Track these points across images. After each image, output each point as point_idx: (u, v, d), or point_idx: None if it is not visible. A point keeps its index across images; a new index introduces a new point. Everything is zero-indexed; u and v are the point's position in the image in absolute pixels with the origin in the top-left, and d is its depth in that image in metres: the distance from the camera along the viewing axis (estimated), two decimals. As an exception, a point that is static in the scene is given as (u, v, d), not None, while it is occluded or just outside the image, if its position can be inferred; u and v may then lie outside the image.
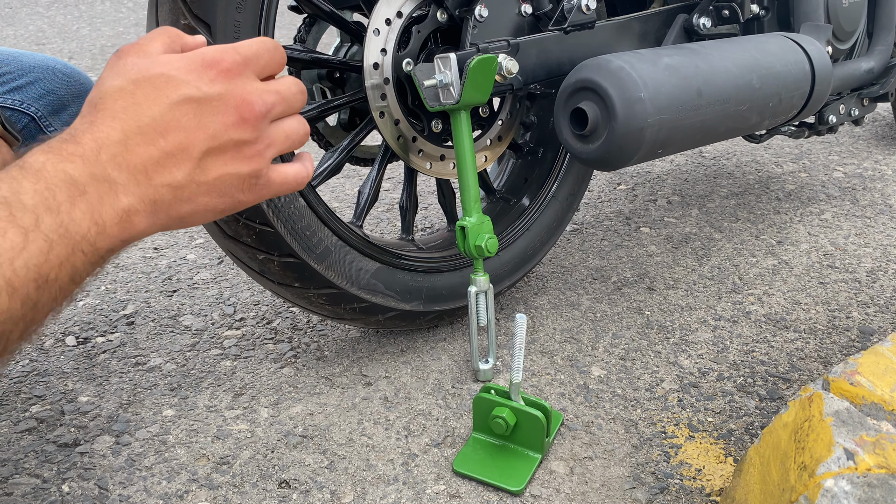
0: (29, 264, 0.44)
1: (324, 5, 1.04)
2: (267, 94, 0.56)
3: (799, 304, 1.32)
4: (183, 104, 0.53)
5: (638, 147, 1.00)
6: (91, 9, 4.77)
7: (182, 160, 0.53)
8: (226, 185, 0.55)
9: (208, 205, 0.55)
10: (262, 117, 0.56)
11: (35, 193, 0.46)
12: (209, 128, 0.54)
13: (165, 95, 0.53)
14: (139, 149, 0.51)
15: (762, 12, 1.38)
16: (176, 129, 0.53)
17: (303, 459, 0.95)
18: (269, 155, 0.57)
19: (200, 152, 0.54)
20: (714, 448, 0.97)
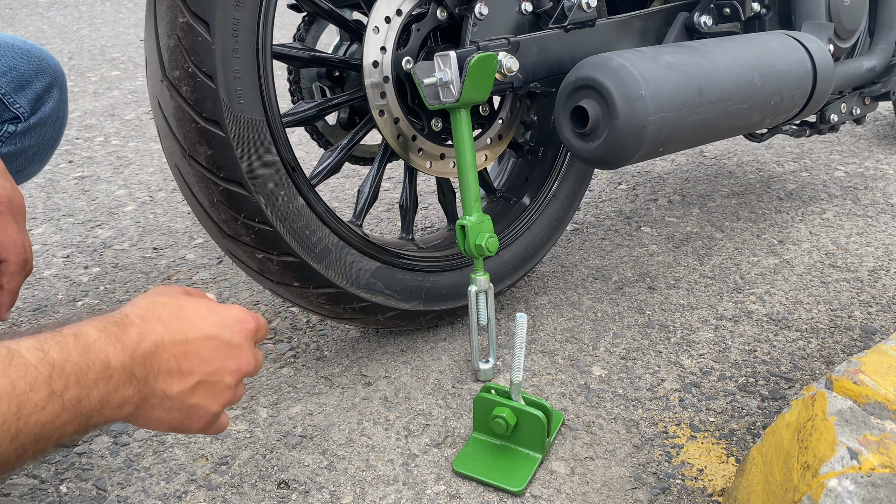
0: (39, 422, 0.51)
1: (323, 3, 1.04)
2: (255, 362, 0.70)
3: (801, 304, 1.31)
4: (211, 339, 0.66)
5: (639, 145, 1.00)
6: (91, 10, 4.77)
7: (185, 379, 0.64)
8: (195, 411, 0.66)
9: (171, 420, 0.65)
10: (245, 376, 0.69)
11: (76, 365, 0.54)
12: (215, 365, 0.66)
13: (203, 327, 0.66)
14: (165, 356, 0.62)
15: (763, 10, 1.38)
16: (195, 354, 0.64)
17: (302, 460, 0.95)
18: (229, 403, 0.69)
19: (198, 380, 0.65)
20: (716, 448, 0.96)
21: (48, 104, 1.08)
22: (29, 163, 1.09)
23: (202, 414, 0.67)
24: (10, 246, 0.84)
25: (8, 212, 0.85)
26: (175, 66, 0.87)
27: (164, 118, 0.91)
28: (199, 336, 0.65)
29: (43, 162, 1.14)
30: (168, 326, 0.63)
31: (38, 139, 1.08)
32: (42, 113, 1.07)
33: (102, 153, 2.19)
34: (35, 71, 1.05)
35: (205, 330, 0.66)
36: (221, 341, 0.67)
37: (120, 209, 1.78)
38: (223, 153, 0.90)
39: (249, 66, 0.90)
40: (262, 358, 0.73)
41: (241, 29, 0.89)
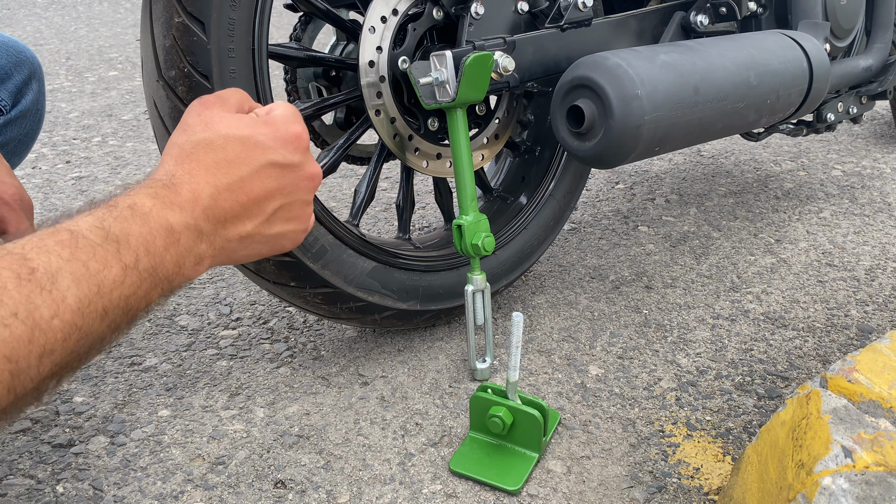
0: (123, 295, 0.51)
1: (319, 3, 1.04)
2: (319, 169, 0.68)
3: (797, 303, 1.32)
4: (268, 167, 0.62)
5: (635, 144, 1.00)
6: (89, 10, 4.77)
7: (256, 215, 0.62)
8: (282, 238, 0.65)
9: (261, 251, 0.64)
10: (318, 186, 0.67)
11: (139, 236, 0.53)
12: (285, 189, 0.63)
13: (254, 158, 0.61)
14: (225, 204, 0.60)
15: (760, 10, 1.38)
16: (259, 189, 0.61)
17: (299, 459, 0.95)
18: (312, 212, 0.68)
19: (273, 209, 0.63)
20: (712, 447, 0.96)
21: (28, 96, 1.08)
22: (10, 155, 1.10)
23: (291, 236, 0.66)
24: None
25: (21, 209, 0.86)
26: (171, 67, 0.87)
27: (160, 118, 0.91)
28: (255, 169, 0.62)
29: (23, 154, 1.14)
30: (218, 172, 0.60)
31: (19, 131, 1.08)
32: (22, 105, 1.07)
33: (100, 153, 2.19)
34: (14, 64, 1.05)
35: (258, 160, 0.62)
36: (281, 166, 0.63)
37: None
38: (219, 153, 0.90)
39: (245, 66, 0.90)
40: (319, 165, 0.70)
41: (237, 29, 0.89)
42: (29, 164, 2.08)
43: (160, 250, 0.54)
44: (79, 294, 0.48)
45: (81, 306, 0.48)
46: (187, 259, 0.57)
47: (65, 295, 0.47)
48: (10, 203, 0.85)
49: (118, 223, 0.53)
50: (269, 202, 0.63)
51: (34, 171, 2.03)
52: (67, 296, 0.47)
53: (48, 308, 0.46)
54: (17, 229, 0.84)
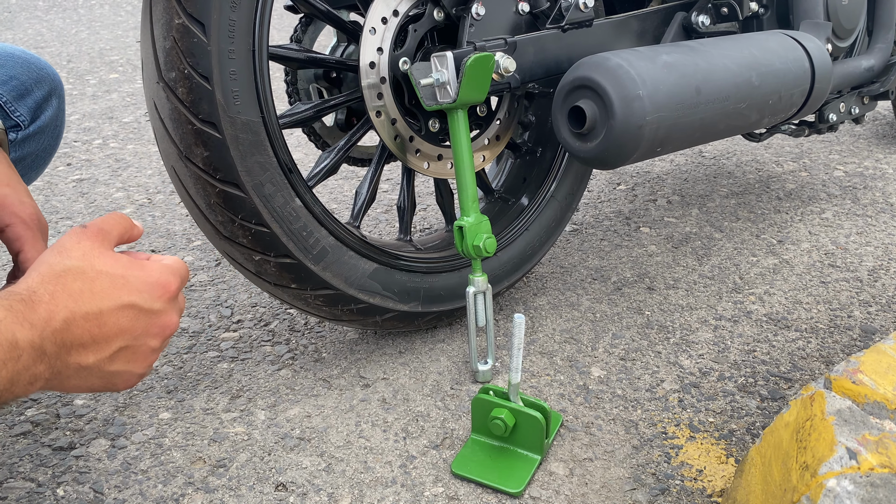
0: None
1: (320, 4, 1.04)
2: (178, 317, 0.69)
3: (800, 304, 1.31)
4: (128, 308, 0.63)
5: (637, 145, 0.99)
6: (90, 13, 4.77)
7: (101, 349, 0.62)
8: (116, 377, 0.64)
9: (93, 385, 0.63)
10: (169, 337, 0.67)
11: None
12: (137, 332, 0.64)
13: (118, 295, 0.62)
14: (77, 331, 0.60)
15: (761, 10, 1.38)
16: (113, 325, 0.62)
17: (300, 462, 0.94)
18: (155, 360, 0.68)
19: (118, 347, 0.63)
20: (715, 448, 0.96)
21: (47, 112, 1.08)
22: (27, 170, 1.10)
23: (126, 377, 0.66)
24: None
25: (37, 229, 0.84)
26: (171, 68, 0.87)
27: (160, 120, 0.91)
28: (116, 306, 0.63)
29: (40, 170, 1.14)
30: (80, 300, 0.61)
31: (36, 147, 1.08)
32: (41, 121, 1.07)
33: (101, 156, 2.19)
34: (35, 80, 1.05)
35: (121, 299, 0.63)
36: (141, 309, 0.64)
37: (118, 212, 1.78)
38: (219, 155, 0.89)
39: (246, 67, 0.90)
40: (184, 305, 0.71)
41: (238, 30, 0.89)
42: (30, 167, 2.08)
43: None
44: None
45: None
46: (22, 377, 0.56)
47: None
48: (27, 222, 0.83)
49: None
50: (117, 340, 0.63)
51: (35, 174, 2.03)
52: None
53: None
54: (34, 249, 0.83)
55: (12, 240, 0.83)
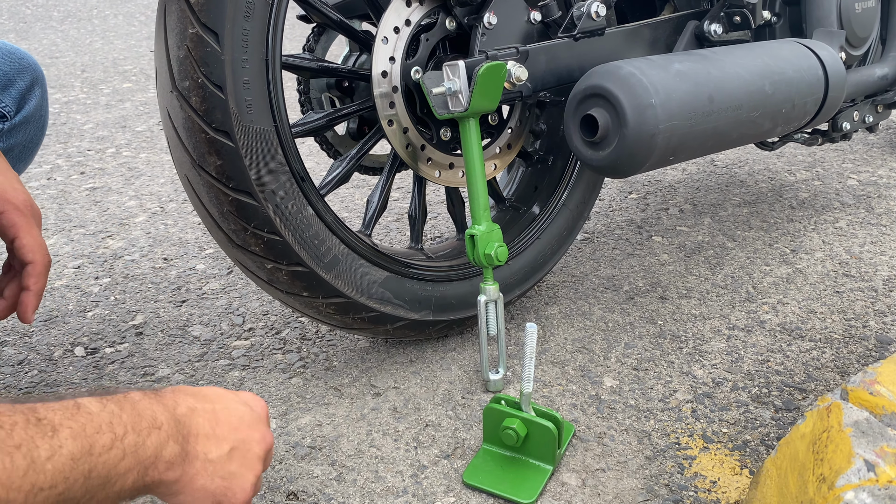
0: (107, 463, 0.57)
1: (332, 14, 1.04)
2: (272, 438, 0.75)
3: (814, 314, 1.30)
4: (235, 409, 0.72)
5: (649, 154, 0.99)
6: (104, 23, 4.82)
7: (219, 444, 0.68)
8: (235, 479, 0.69)
9: (217, 488, 0.68)
10: (268, 449, 0.74)
11: (129, 415, 0.60)
12: (242, 434, 0.71)
13: (225, 400, 0.72)
14: (198, 419, 0.67)
15: (774, 18, 1.37)
16: (224, 422, 0.70)
17: (311, 471, 0.94)
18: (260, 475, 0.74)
19: (231, 447, 0.69)
20: (729, 459, 0.95)
21: (31, 102, 1.09)
22: (15, 161, 1.11)
23: (242, 483, 0.70)
24: (37, 247, 0.86)
25: (31, 216, 0.87)
26: (185, 77, 0.88)
27: (173, 129, 0.91)
28: (224, 406, 0.71)
29: (28, 160, 1.15)
30: (196, 397, 0.70)
31: (23, 137, 1.09)
32: (26, 111, 1.08)
33: (114, 164, 2.21)
34: (16, 70, 1.06)
35: (229, 403, 0.72)
36: (244, 412, 0.73)
37: (131, 220, 1.79)
38: (233, 163, 0.90)
39: (259, 76, 0.91)
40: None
41: (251, 39, 0.89)
42: (44, 176, 2.10)
43: (144, 431, 0.61)
44: (73, 448, 0.54)
45: (73, 458, 0.54)
46: (164, 452, 0.62)
47: (62, 444, 0.53)
48: (21, 209, 0.86)
49: (113, 403, 0.60)
50: (230, 438, 0.69)
51: (49, 182, 2.05)
52: (64, 445, 0.54)
53: (46, 451, 0.52)
54: (28, 235, 0.86)
55: (7, 227, 0.85)
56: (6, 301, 0.89)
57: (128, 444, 0.59)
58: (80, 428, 0.55)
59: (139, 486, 0.61)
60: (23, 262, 0.87)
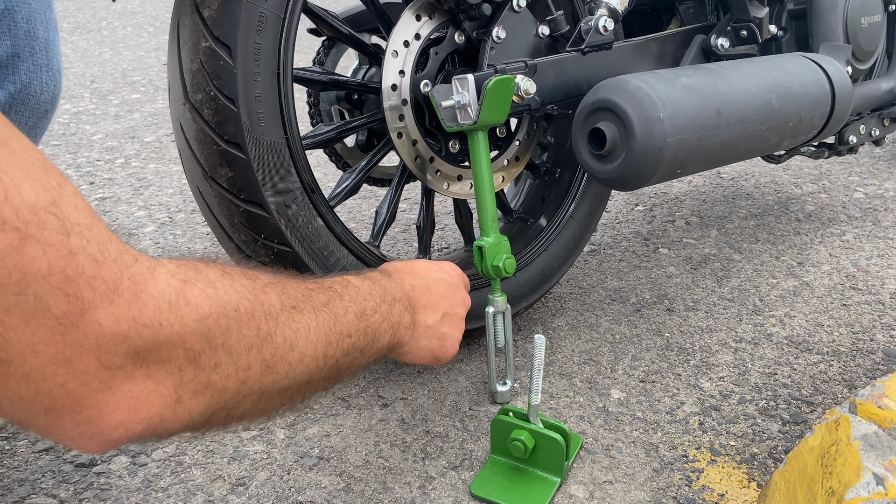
0: (373, 324, 0.72)
1: (343, 28, 1.05)
2: (469, 299, 0.95)
3: (821, 327, 1.30)
4: (440, 281, 0.88)
5: (657, 167, 1.00)
6: (113, 34, 4.86)
7: (434, 311, 0.86)
8: (447, 339, 0.88)
9: (433, 347, 0.86)
10: (468, 309, 0.93)
11: (381, 289, 0.77)
12: (450, 300, 0.88)
13: (433, 273, 0.89)
14: (417, 295, 0.84)
15: (780, 33, 1.38)
16: (435, 293, 0.87)
17: (319, 481, 0.94)
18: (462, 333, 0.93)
19: (442, 313, 0.87)
20: (737, 472, 0.95)
21: None
22: None
23: (452, 341, 0.88)
24: None
25: None
26: (197, 90, 0.89)
27: (185, 140, 0.92)
28: (433, 279, 0.87)
29: None
30: (412, 274, 0.86)
31: None
32: None
33: (123, 175, 2.22)
34: None
35: (435, 274, 0.88)
36: (448, 282, 0.89)
37: (140, 230, 1.80)
38: (244, 175, 0.91)
39: (270, 89, 0.92)
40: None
41: (263, 53, 0.90)
42: (54, 186, 2.11)
43: (390, 302, 0.77)
44: (355, 309, 0.70)
45: (357, 316, 0.70)
46: (403, 319, 0.79)
47: (348, 306, 0.69)
48: None
49: (367, 280, 0.77)
50: (441, 306, 0.86)
51: (59, 192, 2.06)
52: (349, 307, 0.69)
53: (342, 310, 0.68)
54: None
55: None
56: None
57: (384, 311, 0.74)
58: (354, 294, 0.71)
59: (388, 346, 0.77)
60: None
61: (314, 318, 0.62)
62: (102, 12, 5.72)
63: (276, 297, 0.59)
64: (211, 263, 0.56)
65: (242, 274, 0.58)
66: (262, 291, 0.57)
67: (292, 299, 0.61)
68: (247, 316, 0.54)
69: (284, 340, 0.58)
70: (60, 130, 2.66)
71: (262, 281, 0.59)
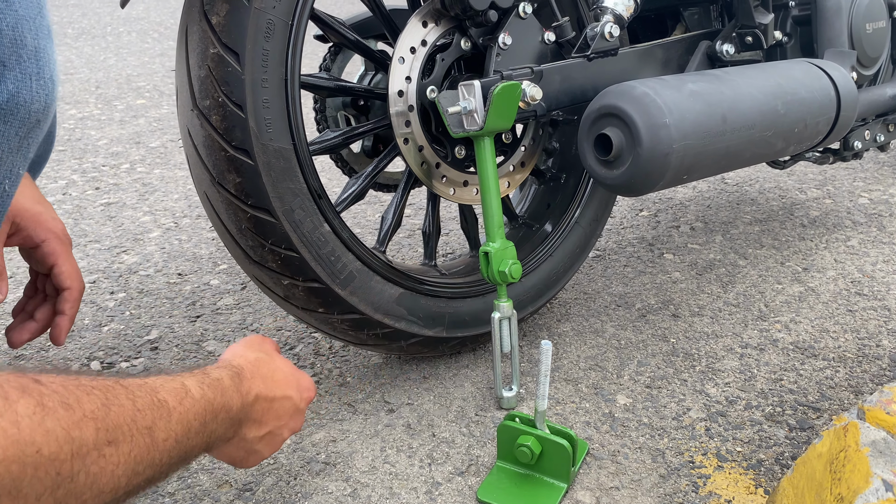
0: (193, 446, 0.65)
1: (349, 34, 1.06)
2: (301, 425, 0.86)
3: (827, 332, 1.30)
4: (287, 400, 0.80)
5: (663, 173, 1.00)
6: (118, 40, 4.88)
7: (261, 428, 0.78)
8: (255, 455, 0.80)
9: (235, 457, 0.78)
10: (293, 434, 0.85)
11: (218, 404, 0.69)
12: (282, 421, 0.81)
13: (287, 389, 0.80)
14: (257, 408, 0.76)
15: (785, 39, 1.38)
16: (275, 411, 0.79)
17: (325, 487, 0.94)
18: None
19: (268, 430, 0.79)
20: (744, 478, 0.95)
21: None
22: None
23: (257, 458, 0.80)
24: (74, 274, 0.92)
25: (67, 243, 0.92)
26: (205, 96, 0.89)
27: (193, 146, 0.92)
28: (282, 395, 0.79)
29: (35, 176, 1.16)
30: (266, 384, 0.77)
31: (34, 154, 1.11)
32: None
33: (128, 180, 2.23)
34: None
35: (287, 391, 0.80)
36: (293, 403, 0.81)
37: (145, 235, 1.81)
38: (251, 181, 0.91)
39: (278, 95, 0.92)
40: None
41: (271, 60, 0.91)
42: (59, 191, 2.12)
43: (221, 417, 0.70)
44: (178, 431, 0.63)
45: (177, 440, 0.62)
46: (226, 434, 0.72)
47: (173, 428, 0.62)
48: (60, 237, 0.91)
49: (210, 389, 0.69)
50: (271, 424, 0.79)
51: (64, 198, 2.07)
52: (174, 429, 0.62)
53: (163, 433, 0.61)
54: (67, 262, 0.91)
55: (48, 254, 0.89)
56: (38, 324, 0.93)
57: (209, 430, 0.68)
58: (185, 413, 0.64)
59: (196, 456, 0.69)
60: (59, 288, 0.92)
61: (129, 448, 0.56)
62: (107, 18, 5.74)
63: (92, 433, 0.53)
64: (33, 389, 0.51)
65: (62, 404, 0.52)
66: (76, 427, 0.52)
67: (111, 432, 0.55)
68: (48, 460, 0.49)
69: (86, 479, 0.52)
70: (66, 136, 2.67)
71: (81, 412, 0.53)
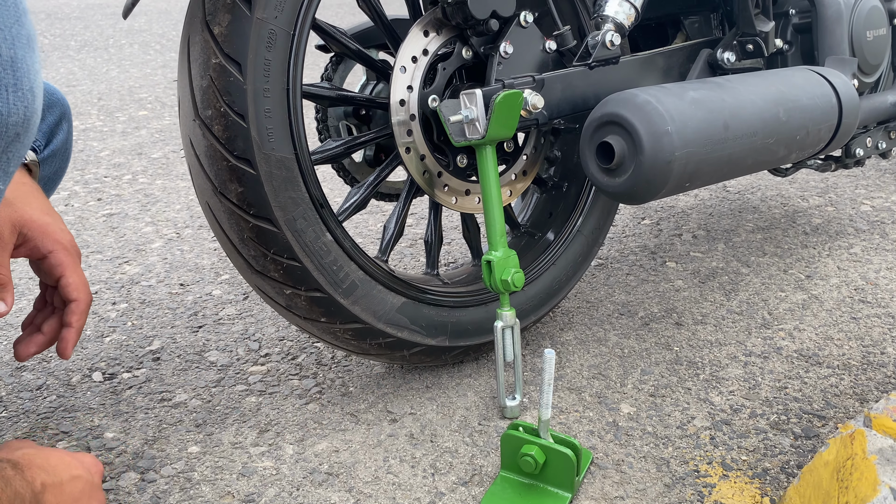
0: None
1: (351, 44, 1.06)
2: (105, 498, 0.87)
3: (831, 340, 1.29)
4: (77, 480, 0.80)
5: (665, 180, 1.00)
6: (120, 52, 4.90)
7: None
8: None
9: None
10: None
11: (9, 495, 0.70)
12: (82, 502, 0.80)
13: (70, 471, 0.80)
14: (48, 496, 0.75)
15: (786, 46, 1.39)
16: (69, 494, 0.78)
17: (328, 497, 0.94)
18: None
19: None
20: (749, 487, 0.94)
21: (59, 136, 1.11)
22: None
23: None
24: (81, 286, 0.91)
25: (75, 255, 0.92)
26: (207, 106, 0.89)
27: (195, 157, 0.92)
28: (69, 477, 0.79)
29: (50, 193, 1.17)
30: (46, 471, 0.77)
31: (49, 170, 1.11)
32: (54, 145, 1.10)
33: (130, 191, 2.23)
34: (47, 105, 1.08)
35: (73, 471, 0.80)
36: (85, 481, 0.81)
37: (147, 246, 1.81)
38: (253, 190, 0.91)
39: (280, 105, 0.92)
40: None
41: (272, 69, 0.91)
42: (62, 202, 2.12)
43: None
44: None
45: None
46: None
47: None
48: (68, 249, 0.90)
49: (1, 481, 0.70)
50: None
51: (66, 209, 2.07)
52: None
53: None
54: (74, 273, 0.91)
55: (55, 265, 0.89)
56: (45, 336, 0.93)
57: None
58: None
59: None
60: (67, 300, 0.91)
61: None
62: (109, 30, 5.77)
63: None
64: None
65: None
66: None
67: None
68: None
69: None
70: (68, 147, 2.67)
71: None
